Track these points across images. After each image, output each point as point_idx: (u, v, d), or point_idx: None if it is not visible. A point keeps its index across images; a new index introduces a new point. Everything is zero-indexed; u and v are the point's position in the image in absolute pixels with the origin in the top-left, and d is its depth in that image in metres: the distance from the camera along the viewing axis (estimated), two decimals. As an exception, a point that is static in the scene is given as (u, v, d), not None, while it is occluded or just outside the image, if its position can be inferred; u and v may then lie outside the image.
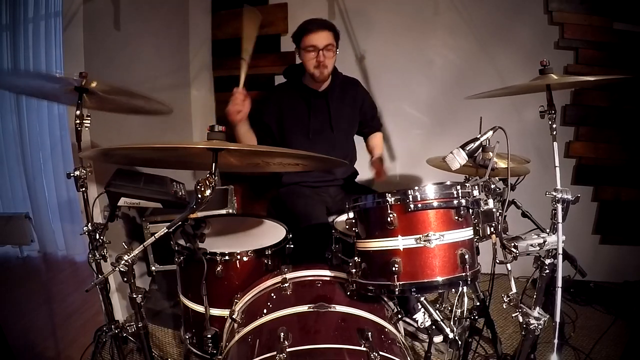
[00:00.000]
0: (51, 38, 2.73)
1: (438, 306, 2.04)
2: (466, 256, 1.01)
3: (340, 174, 2.06)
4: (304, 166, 1.47)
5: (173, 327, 1.98)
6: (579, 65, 2.27)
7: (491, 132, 1.13)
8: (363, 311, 1.08)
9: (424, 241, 0.99)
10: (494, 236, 1.09)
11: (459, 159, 1.12)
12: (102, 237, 1.36)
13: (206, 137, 1.04)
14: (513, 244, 1.10)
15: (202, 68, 2.74)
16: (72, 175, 1.31)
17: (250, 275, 1.38)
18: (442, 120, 2.49)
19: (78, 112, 1.30)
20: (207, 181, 0.99)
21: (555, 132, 1.18)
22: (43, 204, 3.05)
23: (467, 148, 1.12)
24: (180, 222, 1.15)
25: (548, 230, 1.17)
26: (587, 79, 1.32)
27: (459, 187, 1.03)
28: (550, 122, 1.19)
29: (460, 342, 1.47)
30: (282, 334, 0.94)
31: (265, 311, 1.10)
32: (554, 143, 1.18)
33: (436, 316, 1.63)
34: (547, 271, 1.19)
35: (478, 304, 1.48)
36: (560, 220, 1.12)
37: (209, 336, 1.33)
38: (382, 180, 2.01)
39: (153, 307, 2.05)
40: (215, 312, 1.38)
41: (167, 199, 1.30)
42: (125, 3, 1.97)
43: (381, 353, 0.91)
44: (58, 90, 1.36)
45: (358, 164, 2.21)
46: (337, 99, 2.01)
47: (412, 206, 1.00)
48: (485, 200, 1.09)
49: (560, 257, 1.11)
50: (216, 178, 1.01)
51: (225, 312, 1.29)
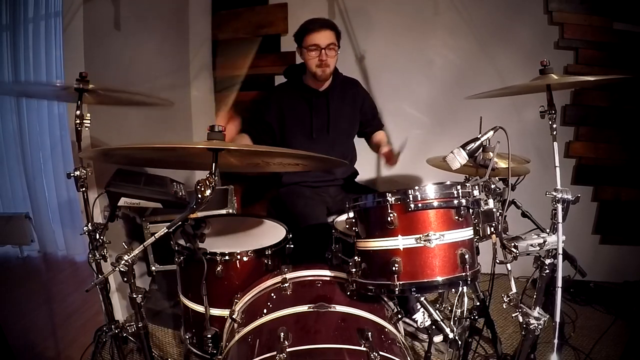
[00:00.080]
0: (51, 38, 2.73)
1: (438, 306, 2.04)
2: (466, 256, 1.01)
3: (340, 174, 2.06)
4: (304, 166, 1.47)
5: (173, 327, 1.98)
6: (579, 65, 2.27)
7: (491, 132, 1.13)
8: (363, 311, 1.08)
9: (424, 241, 0.99)
10: (494, 236, 1.09)
11: (459, 159, 1.12)
12: (102, 237, 1.36)
13: (206, 137, 1.04)
14: (513, 244, 1.10)
15: (202, 68, 2.73)
16: (72, 175, 1.31)
17: (250, 275, 1.38)
18: (442, 120, 2.49)
19: (78, 112, 1.30)
20: (207, 181, 0.99)
21: (555, 132, 1.18)
22: (43, 204, 3.05)
23: (468, 148, 1.12)
24: (180, 222, 1.14)
25: (548, 230, 1.17)
26: (587, 79, 1.32)
27: (459, 187, 1.03)
28: (550, 122, 1.19)
29: (460, 342, 1.47)
30: (282, 334, 0.94)
31: (265, 311, 1.10)
32: (554, 143, 1.18)
33: (436, 316, 1.63)
34: (547, 271, 1.19)
35: (478, 304, 1.48)
36: (560, 220, 1.12)
37: (209, 336, 1.33)
38: (394, 164, 1.88)
39: (153, 307, 2.05)
40: (215, 312, 1.38)
41: (167, 199, 1.30)
42: (125, 3, 1.97)
43: (381, 353, 0.91)
44: (58, 90, 1.36)
45: (358, 164, 2.21)
46: (338, 99, 2.01)
47: (412, 206, 1.00)
48: (485, 200, 1.09)
49: (560, 257, 1.11)
50: (216, 178, 1.01)
51: (225, 312, 1.29)
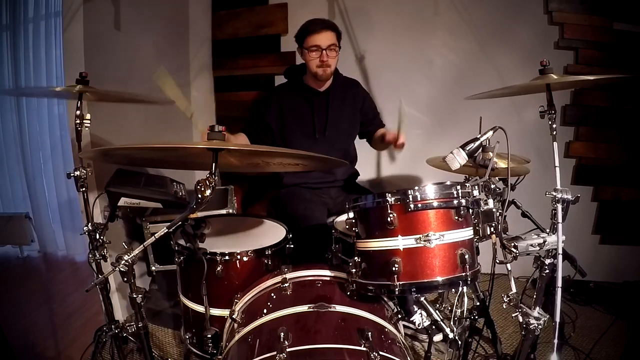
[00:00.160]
0: (51, 38, 2.73)
1: (438, 306, 2.04)
2: (466, 256, 1.01)
3: (340, 175, 2.06)
4: (304, 166, 1.46)
5: (173, 327, 1.98)
6: (579, 65, 2.27)
7: (491, 132, 1.13)
8: (363, 311, 1.08)
9: (424, 241, 0.99)
10: (494, 236, 1.09)
11: (459, 159, 1.12)
12: (102, 237, 1.36)
13: (206, 137, 1.04)
14: (513, 244, 1.10)
15: (202, 68, 2.74)
16: (72, 175, 1.32)
17: (250, 275, 1.38)
18: (442, 120, 2.49)
19: (78, 112, 1.31)
20: (207, 181, 0.99)
21: (555, 132, 1.18)
22: (43, 204, 3.05)
23: (467, 148, 1.12)
24: (180, 222, 1.15)
25: (548, 230, 1.17)
26: (587, 79, 1.31)
27: (459, 187, 1.03)
28: (550, 122, 1.19)
29: (460, 342, 1.47)
30: (282, 334, 0.94)
31: (265, 311, 1.10)
32: (554, 143, 1.18)
33: (436, 316, 1.63)
34: (547, 271, 1.19)
35: (478, 304, 1.48)
36: (560, 220, 1.12)
37: (209, 336, 1.33)
38: (402, 146, 1.78)
39: (153, 307, 2.05)
40: (215, 312, 1.38)
41: (167, 199, 1.31)
42: (125, 3, 1.97)
43: (381, 353, 0.91)
44: (57, 91, 1.36)
45: (359, 165, 2.21)
46: (338, 99, 2.01)
47: (412, 206, 1.00)
48: (485, 200, 1.09)
49: (560, 257, 1.11)
50: (216, 178, 1.01)
51: (225, 312, 1.29)
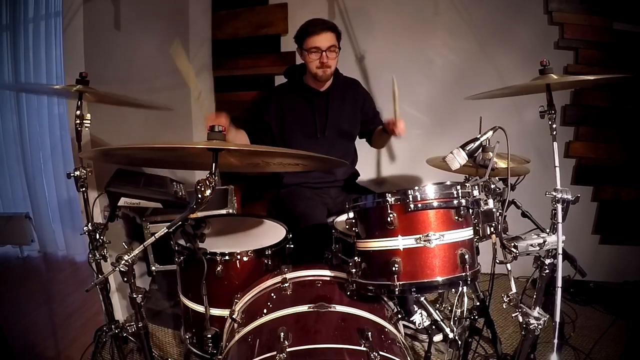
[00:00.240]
0: (51, 38, 2.73)
1: (438, 306, 2.04)
2: (466, 256, 1.01)
3: (340, 175, 2.06)
4: (304, 166, 1.47)
5: (173, 327, 1.98)
6: (579, 65, 2.27)
7: (491, 132, 1.13)
8: (363, 311, 1.08)
9: (424, 241, 0.99)
10: (494, 236, 1.09)
11: (459, 159, 1.12)
12: (102, 237, 1.36)
13: (206, 137, 1.04)
14: (513, 244, 1.10)
15: (202, 68, 2.73)
16: (72, 175, 1.32)
17: (250, 275, 1.38)
18: (442, 120, 2.49)
19: (78, 112, 1.31)
20: (207, 181, 0.99)
21: (555, 132, 1.18)
22: (43, 204, 3.05)
23: (467, 148, 1.12)
24: (180, 222, 1.14)
25: (548, 230, 1.17)
26: (587, 79, 1.31)
27: (459, 187, 1.03)
28: (550, 122, 1.19)
29: (460, 342, 1.47)
30: (282, 334, 0.94)
31: (265, 311, 1.10)
32: (554, 143, 1.18)
33: (436, 316, 1.63)
34: (547, 271, 1.19)
35: (478, 304, 1.48)
36: (560, 220, 1.12)
37: (209, 336, 1.33)
38: (401, 131, 1.82)
39: (153, 307, 2.05)
40: (215, 312, 1.38)
41: (167, 199, 1.30)
42: (125, 3, 1.97)
43: (381, 353, 0.91)
44: (57, 89, 1.36)
45: (359, 165, 2.21)
46: (338, 99, 2.01)
47: (412, 206, 1.00)
48: (485, 200, 1.09)
49: (560, 257, 1.11)
50: (216, 178, 1.01)
51: (225, 312, 1.29)
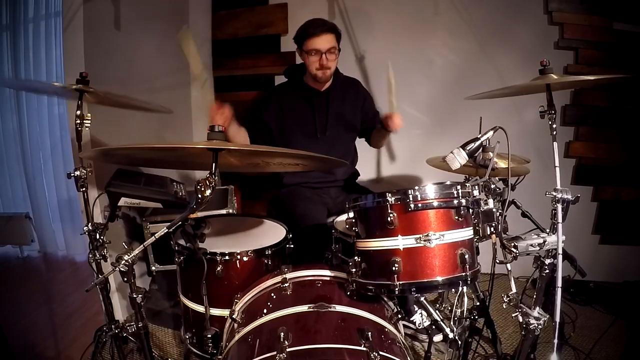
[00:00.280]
0: (51, 38, 2.73)
1: (438, 306, 2.04)
2: (466, 256, 1.01)
3: (341, 175, 2.06)
4: (304, 166, 1.46)
5: (173, 327, 1.98)
6: (579, 65, 2.27)
7: (491, 132, 1.13)
8: (363, 311, 1.08)
9: (424, 241, 0.99)
10: (494, 236, 1.09)
11: (459, 159, 1.12)
12: (102, 237, 1.36)
13: (206, 137, 1.04)
14: (513, 244, 1.10)
15: (202, 68, 2.73)
16: (73, 175, 1.31)
17: (250, 275, 1.38)
18: (442, 120, 2.49)
19: (78, 112, 1.30)
20: (207, 181, 0.99)
21: (555, 132, 1.18)
22: (43, 204, 3.05)
23: (468, 148, 1.12)
24: (180, 222, 1.14)
25: (548, 230, 1.17)
26: (587, 79, 1.31)
27: (459, 187, 1.03)
28: (550, 122, 1.19)
29: (460, 342, 1.47)
30: (282, 334, 0.94)
31: (265, 311, 1.10)
32: (554, 143, 1.18)
33: (436, 316, 1.63)
34: (547, 271, 1.19)
35: (478, 304, 1.48)
36: (560, 220, 1.12)
37: (209, 336, 1.33)
38: (397, 126, 1.83)
39: (153, 307, 2.05)
40: (215, 312, 1.38)
41: (167, 199, 1.30)
42: (125, 3, 1.97)
43: (381, 353, 0.91)
44: (58, 88, 1.36)
45: (359, 165, 2.21)
46: (339, 99, 2.01)
47: (412, 206, 1.00)
48: (485, 200, 1.09)
49: (560, 257, 1.11)
50: (216, 178, 1.01)
51: (225, 312, 1.29)
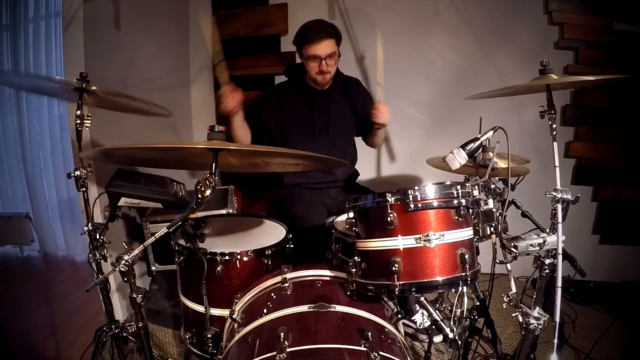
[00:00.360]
0: (51, 38, 2.73)
1: (438, 306, 2.04)
2: (466, 256, 1.01)
3: (340, 175, 2.06)
4: (304, 166, 1.46)
5: (173, 327, 1.98)
6: (579, 65, 2.27)
7: (491, 132, 1.13)
8: (363, 311, 1.08)
9: (424, 241, 0.99)
10: (494, 236, 1.10)
11: (459, 159, 1.12)
12: (102, 237, 1.36)
13: (206, 137, 1.04)
14: (513, 244, 1.10)
15: (202, 68, 2.74)
16: (73, 175, 1.31)
17: (250, 275, 1.38)
18: (442, 120, 2.49)
19: (78, 112, 1.30)
20: (207, 181, 0.99)
21: (555, 132, 1.19)
22: (43, 204, 3.05)
23: (467, 148, 1.12)
24: (180, 222, 1.15)
25: (548, 230, 1.17)
26: (587, 79, 1.32)
27: (459, 187, 1.04)
28: (550, 122, 1.19)
29: (460, 342, 1.46)
30: (282, 334, 0.94)
31: (265, 311, 1.10)
32: (554, 143, 1.18)
33: (436, 316, 1.63)
34: (547, 271, 1.19)
35: (478, 304, 1.48)
36: (560, 220, 1.12)
37: (209, 336, 1.33)
38: (384, 118, 1.85)
39: (153, 307, 2.05)
40: (215, 312, 1.38)
41: (167, 199, 1.31)
42: (125, 3, 1.97)
43: (381, 353, 0.91)
44: (58, 88, 1.36)
45: (358, 165, 2.21)
46: (339, 99, 2.01)
47: (412, 206, 1.00)
48: (485, 200, 1.09)
49: (560, 257, 1.11)
50: (216, 178, 1.01)
51: (225, 312, 1.29)
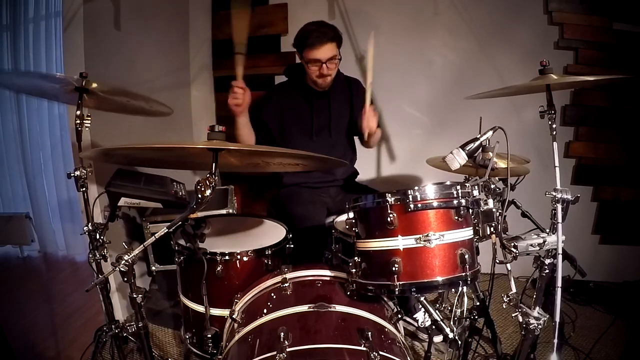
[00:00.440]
0: (51, 38, 2.73)
1: (438, 306, 2.04)
2: (466, 256, 1.01)
3: (340, 175, 2.06)
4: (304, 166, 1.46)
5: (173, 327, 1.98)
6: (579, 65, 2.27)
7: (491, 132, 1.13)
8: (363, 311, 1.08)
9: (424, 241, 0.99)
10: (494, 236, 1.10)
11: (459, 159, 1.12)
12: (103, 237, 1.36)
13: (206, 137, 1.04)
14: (513, 244, 1.10)
15: (202, 68, 2.74)
16: (73, 175, 1.31)
17: (250, 275, 1.38)
18: (442, 120, 2.49)
19: (78, 112, 1.30)
20: (207, 181, 0.99)
21: (555, 132, 1.19)
22: (43, 204, 3.05)
23: (467, 148, 1.12)
24: (180, 222, 1.15)
25: (548, 230, 1.17)
26: (587, 79, 1.32)
27: (459, 187, 1.04)
28: (550, 122, 1.19)
29: (460, 342, 1.47)
30: (282, 334, 0.94)
31: (265, 311, 1.10)
32: (554, 143, 1.18)
33: (436, 316, 1.63)
34: (547, 271, 1.19)
35: (478, 304, 1.48)
36: (560, 220, 1.12)
37: (209, 336, 1.33)
38: (371, 127, 1.80)
39: (153, 307, 2.05)
40: (215, 312, 1.38)
41: (167, 199, 1.30)
42: (125, 3, 1.97)
43: (381, 353, 0.91)
44: (58, 89, 1.36)
45: (358, 164, 2.21)
46: (339, 99, 2.01)
47: (412, 206, 1.01)
48: (485, 200, 1.09)
49: (560, 257, 1.11)
50: (216, 178, 1.01)
51: (225, 312, 1.29)
